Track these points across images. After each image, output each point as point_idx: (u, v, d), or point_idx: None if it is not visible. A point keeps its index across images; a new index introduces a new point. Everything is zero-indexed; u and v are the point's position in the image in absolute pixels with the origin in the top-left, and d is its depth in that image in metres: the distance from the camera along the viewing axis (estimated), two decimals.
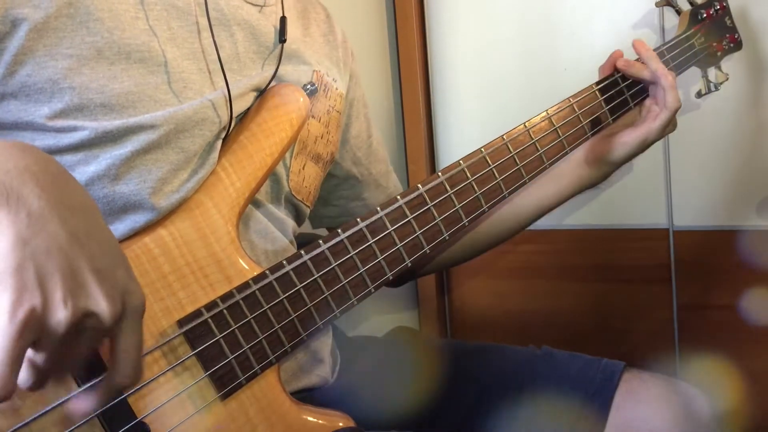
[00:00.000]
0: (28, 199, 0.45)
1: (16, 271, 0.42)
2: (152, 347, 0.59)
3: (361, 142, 0.90)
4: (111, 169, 0.60)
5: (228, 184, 0.66)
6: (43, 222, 0.44)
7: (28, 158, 0.47)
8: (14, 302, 0.42)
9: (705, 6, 1.01)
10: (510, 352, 0.88)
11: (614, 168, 0.91)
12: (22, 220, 0.44)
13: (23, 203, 0.44)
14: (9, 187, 0.44)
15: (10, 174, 0.45)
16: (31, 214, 0.44)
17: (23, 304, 0.42)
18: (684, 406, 0.77)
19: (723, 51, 1.03)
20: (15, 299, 0.42)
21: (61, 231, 0.45)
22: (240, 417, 0.62)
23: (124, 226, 0.61)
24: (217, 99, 0.67)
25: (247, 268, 0.65)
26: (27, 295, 0.42)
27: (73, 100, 0.59)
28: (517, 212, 0.93)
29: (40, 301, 0.43)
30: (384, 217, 0.70)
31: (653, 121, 0.87)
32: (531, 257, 1.34)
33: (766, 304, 1.19)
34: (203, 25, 0.68)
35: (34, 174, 0.46)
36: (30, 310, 0.42)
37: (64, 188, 0.47)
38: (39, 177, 0.46)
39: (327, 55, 0.85)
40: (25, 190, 0.45)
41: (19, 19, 0.57)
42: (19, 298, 0.42)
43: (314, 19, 0.86)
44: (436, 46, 1.39)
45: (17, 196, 0.44)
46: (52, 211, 0.45)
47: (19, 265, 0.43)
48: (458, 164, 0.75)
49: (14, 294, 0.42)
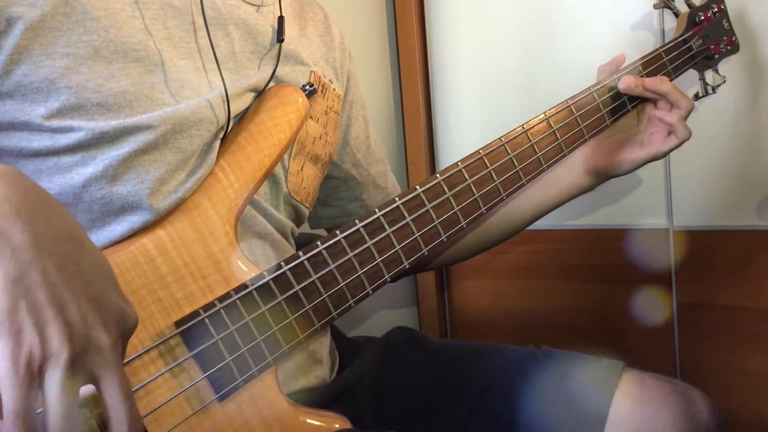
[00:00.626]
0: (12, 235, 0.43)
1: (9, 314, 0.41)
2: (149, 348, 0.59)
3: (361, 144, 0.90)
4: (108, 169, 0.60)
5: (226, 185, 0.66)
6: (29, 257, 0.43)
7: (8, 188, 0.45)
8: (14, 346, 0.41)
9: (703, 9, 1.01)
10: (510, 352, 0.88)
11: (611, 176, 0.93)
12: (8, 258, 0.42)
13: (6, 240, 0.43)
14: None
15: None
16: (16, 251, 0.43)
17: (23, 346, 0.41)
18: (683, 407, 0.77)
19: (720, 54, 1.03)
20: (14, 342, 0.41)
21: (49, 264, 0.44)
22: (237, 418, 0.62)
23: (122, 227, 0.61)
24: (215, 99, 0.66)
25: (245, 269, 0.65)
26: (25, 336, 0.41)
27: (70, 99, 0.59)
28: (512, 216, 0.94)
29: (38, 338, 0.42)
30: (382, 218, 0.70)
31: (661, 145, 0.88)
32: (531, 257, 1.34)
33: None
34: (200, 25, 0.68)
35: (15, 206, 0.44)
36: (30, 350, 0.41)
37: (47, 218, 0.46)
38: (20, 208, 0.44)
39: (324, 57, 0.84)
40: (7, 225, 0.43)
41: (14, 18, 0.57)
42: (17, 341, 0.41)
43: (311, 19, 0.86)
44: (436, 46, 1.39)
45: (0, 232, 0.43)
46: (37, 245, 0.43)
47: (11, 306, 0.41)
48: (456, 165, 0.75)
49: (12, 338, 0.41)
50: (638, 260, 1.24)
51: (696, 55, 0.99)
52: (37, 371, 0.42)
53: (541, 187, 0.93)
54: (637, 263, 1.24)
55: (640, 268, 1.24)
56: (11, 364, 0.41)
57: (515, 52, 1.29)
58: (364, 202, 0.92)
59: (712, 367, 1.20)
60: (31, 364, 0.41)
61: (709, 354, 1.20)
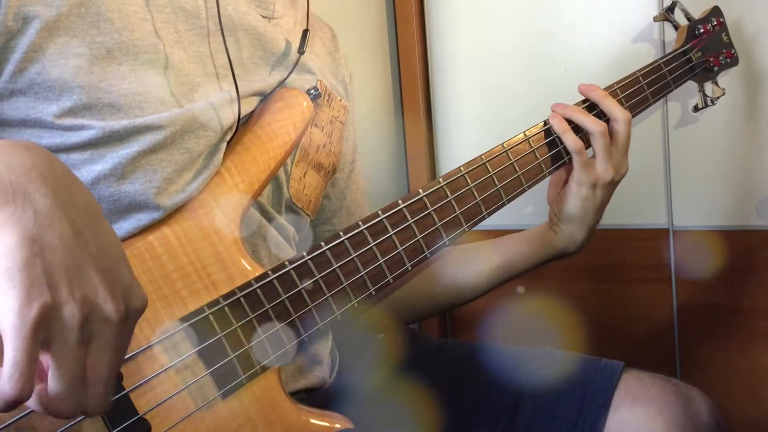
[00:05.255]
0: (35, 197, 0.44)
1: (24, 268, 0.42)
2: (154, 343, 0.59)
3: (344, 165, 0.89)
4: (117, 168, 0.61)
5: (232, 185, 0.67)
6: (49, 220, 0.44)
7: (35, 157, 0.47)
8: (24, 299, 0.42)
9: (702, 22, 1.03)
10: (510, 352, 0.88)
11: (574, 225, 0.88)
12: (29, 218, 0.44)
13: (30, 201, 0.44)
14: (16, 185, 0.44)
15: (17, 172, 0.45)
16: (38, 212, 0.44)
17: (33, 300, 0.42)
18: (683, 407, 0.77)
19: (720, 66, 1.04)
20: (25, 296, 0.42)
21: (68, 229, 0.45)
22: (240, 416, 0.63)
23: (129, 225, 0.62)
24: (223, 102, 0.67)
25: (249, 268, 0.65)
26: (36, 292, 0.42)
27: (82, 99, 0.59)
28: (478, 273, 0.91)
29: (50, 296, 0.42)
30: (385, 220, 0.71)
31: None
32: None
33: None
34: (210, 29, 0.69)
35: (41, 173, 0.46)
36: (41, 306, 0.42)
37: (69, 188, 0.47)
38: (46, 176, 0.46)
39: (332, 72, 0.86)
40: (32, 189, 0.45)
41: (30, 17, 0.57)
42: (29, 295, 0.42)
43: (320, 37, 0.87)
44: (436, 46, 1.39)
45: (24, 194, 0.44)
46: (58, 210, 0.45)
47: (27, 262, 0.42)
48: (459, 170, 0.76)
49: (23, 291, 0.42)
50: (639, 260, 1.24)
51: (695, 67, 1.01)
52: (43, 329, 0.42)
53: (511, 245, 0.91)
54: (638, 263, 1.25)
55: (640, 268, 1.25)
56: (19, 317, 0.41)
57: (515, 52, 1.30)
58: (335, 226, 0.90)
59: (712, 368, 1.20)
60: (38, 321, 0.42)
61: (709, 354, 1.20)
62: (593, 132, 0.83)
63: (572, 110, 0.85)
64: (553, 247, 0.90)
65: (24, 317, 0.41)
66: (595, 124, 0.83)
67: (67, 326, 0.43)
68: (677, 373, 1.24)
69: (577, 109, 0.85)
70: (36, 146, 0.49)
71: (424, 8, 1.39)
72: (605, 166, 0.84)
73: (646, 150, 1.20)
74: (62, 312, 0.43)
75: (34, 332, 0.41)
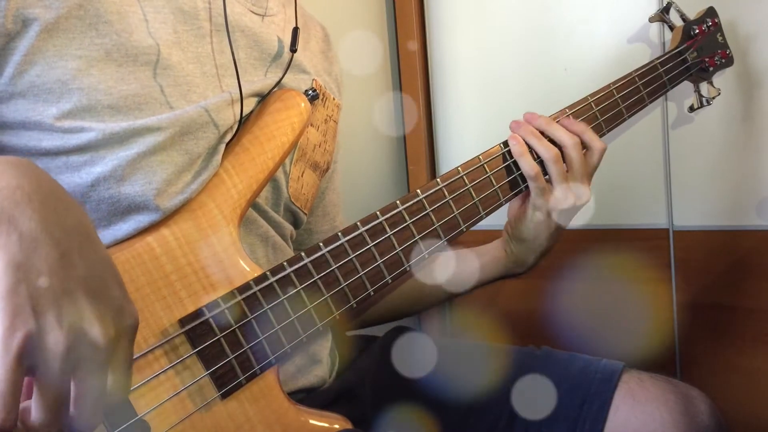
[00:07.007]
0: (20, 221, 0.44)
1: (8, 296, 0.42)
2: (153, 345, 0.59)
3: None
4: (117, 170, 0.61)
5: (230, 186, 0.67)
6: (35, 243, 0.44)
7: (21, 177, 0.46)
8: (8, 327, 0.41)
9: (697, 22, 1.03)
10: (510, 352, 0.88)
11: (524, 248, 0.86)
12: (14, 243, 0.43)
13: (14, 225, 0.44)
14: (0, 208, 0.44)
15: (2, 194, 0.45)
16: (23, 236, 0.43)
17: (17, 329, 0.41)
18: (683, 407, 0.77)
19: (715, 66, 1.04)
20: (9, 324, 0.41)
21: (53, 252, 0.44)
22: (239, 416, 0.63)
23: (128, 226, 0.62)
24: (221, 103, 0.67)
25: (248, 269, 0.65)
26: (20, 320, 0.42)
27: (81, 101, 0.59)
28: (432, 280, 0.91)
29: (34, 323, 0.42)
30: (384, 221, 0.71)
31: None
32: None
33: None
34: (208, 30, 0.69)
35: (27, 194, 0.45)
36: (24, 335, 0.41)
37: (56, 207, 0.47)
38: (32, 196, 0.45)
39: (325, 70, 0.86)
40: (17, 212, 0.44)
41: (30, 19, 0.58)
42: (13, 323, 0.41)
43: (314, 35, 0.87)
44: (436, 46, 1.39)
45: (8, 217, 0.44)
46: (43, 232, 0.44)
47: (11, 288, 0.42)
48: (457, 171, 0.77)
49: (7, 319, 0.41)
50: (639, 260, 1.24)
51: (691, 67, 1.01)
52: (26, 358, 0.42)
53: (465, 259, 0.91)
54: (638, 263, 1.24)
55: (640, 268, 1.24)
56: (2, 346, 0.41)
57: (515, 53, 1.30)
58: (309, 226, 0.89)
59: (712, 367, 1.20)
60: (21, 350, 0.41)
61: (709, 354, 1.20)
62: (544, 158, 0.80)
63: (526, 131, 0.81)
64: (503, 265, 0.89)
65: (7, 346, 0.41)
66: (547, 150, 0.80)
67: (50, 355, 0.42)
68: (677, 373, 1.24)
69: (531, 132, 0.81)
70: (24, 164, 0.48)
71: (424, 8, 1.39)
72: (563, 193, 0.80)
73: (646, 150, 1.20)
74: (46, 340, 0.42)
75: (18, 361, 0.41)
